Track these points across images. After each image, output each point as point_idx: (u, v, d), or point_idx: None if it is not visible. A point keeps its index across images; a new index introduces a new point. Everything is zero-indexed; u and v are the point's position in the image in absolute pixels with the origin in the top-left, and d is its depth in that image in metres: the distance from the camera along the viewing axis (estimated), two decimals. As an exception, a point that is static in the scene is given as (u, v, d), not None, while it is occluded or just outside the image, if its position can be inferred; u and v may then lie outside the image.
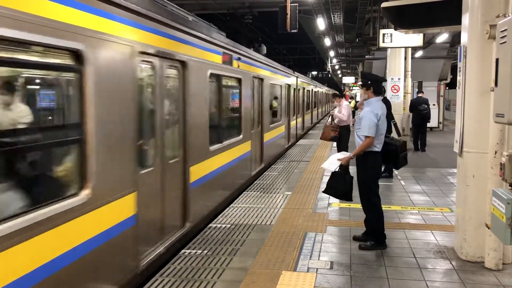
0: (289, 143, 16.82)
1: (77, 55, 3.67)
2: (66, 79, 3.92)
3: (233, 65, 8.70)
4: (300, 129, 20.75)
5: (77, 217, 3.66)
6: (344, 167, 5.83)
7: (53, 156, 3.86)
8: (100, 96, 3.97)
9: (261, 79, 11.54)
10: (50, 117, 4.10)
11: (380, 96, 5.92)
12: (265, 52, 15.54)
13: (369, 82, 5.85)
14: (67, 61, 3.67)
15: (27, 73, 3.66)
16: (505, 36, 3.24)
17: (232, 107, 9.43)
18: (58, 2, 3.42)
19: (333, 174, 5.94)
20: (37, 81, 3.90)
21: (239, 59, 9.09)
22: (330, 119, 10.93)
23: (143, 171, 4.96)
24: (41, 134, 3.74)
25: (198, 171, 6.61)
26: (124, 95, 4.48)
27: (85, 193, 3.78)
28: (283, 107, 15.36)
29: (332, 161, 5.97)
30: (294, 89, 18.44)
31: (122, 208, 4.44)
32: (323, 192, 6.16)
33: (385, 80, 6.52)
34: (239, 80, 9.34)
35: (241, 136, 9.31)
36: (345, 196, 5.93)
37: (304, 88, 22.25)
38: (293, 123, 17.92)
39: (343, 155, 6.03)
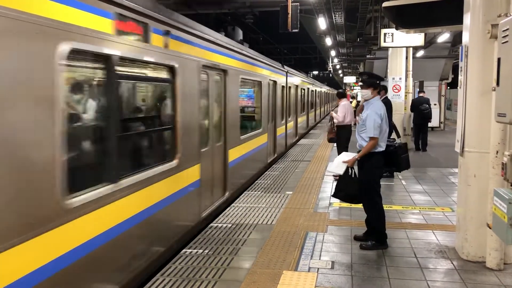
0: (275, 155, 13.74)
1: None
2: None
3: (150, 42, 5.14)
4: (291, 136, 17.52)
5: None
6: (350, 168, 5.80)
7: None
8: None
9: (222, 71, 8.20)
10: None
11: (378, 96, 5.89)
12: (241, 38, 12.35)
13: (369, 79, 5.86)
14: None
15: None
16: (507, 35, 3.23)
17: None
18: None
19: (341, 177, 5.90)
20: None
21: (166, 33, 5.53)
22: (330, 121, 10.91)
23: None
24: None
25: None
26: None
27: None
28: (264, 111, 11.90)
29: (338, 163, 5.93)
30: (283, 87, 15.50)
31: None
32: (333, 196, 6.12)
33: (383, 79, 6.43)
34: (170, 69, 5.75)
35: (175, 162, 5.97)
36: (355, 199, 5.91)
37: (297, 87, 19.37)
38: (280, 129, 14.84)
39: (348, 156, 5.98)
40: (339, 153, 10.42)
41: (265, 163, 12.25)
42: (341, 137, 10.40)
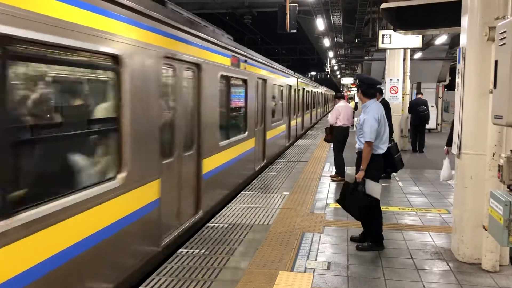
0: (264, 161, 12.32)
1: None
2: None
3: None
4: (271, 147, 13.46)
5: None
6: (357, 182, 5.63)
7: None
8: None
9: (195, 66, 6.67)
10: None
11: (374, 99, 5.88)
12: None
13: (360, 84, 5.90)
14: None
15: None
16: (505, 38, 3.23)
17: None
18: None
19: (345, 187, 5.82)
20: None
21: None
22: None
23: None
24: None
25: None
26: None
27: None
28: (250, 113, 10.42)
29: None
30: (274, 85, 13.82)
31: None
32: (336, 201, 6.04)
33: (379, 83, 6.32)
34: (113, 58, 4.36)
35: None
36: (351, 213, 5.83)
37: (290, 87, 17.37)
38: (271, 132, 13.25)
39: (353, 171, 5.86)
40: (334, 153, 10.46)
41: (253, 171, 10.89)
42: (335, 138, 10.42)
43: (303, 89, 22.28)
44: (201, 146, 6.79)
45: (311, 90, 27.05)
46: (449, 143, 7.11)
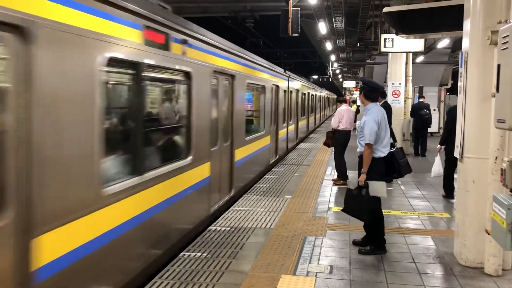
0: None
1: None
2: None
3: None
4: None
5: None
6: (361, 186, 5.63)
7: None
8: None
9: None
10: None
11: (376, 102, 5.91)
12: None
13: (362, 86, 5.94)
14: None
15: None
16: (507, 42, 3.24)
17: None
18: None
19: (349, 193, 5.81)
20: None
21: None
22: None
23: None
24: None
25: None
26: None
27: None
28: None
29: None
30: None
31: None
32: (342, 210, 6.03)
33: (382, 88, 6.48)
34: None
35: None
36: (359, 217, 5.85)
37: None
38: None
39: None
40: (335, 156, 10.45)
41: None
42: (336, 141, 10.43)
43: (298, 91, 18.92)
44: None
45: (308, 93, 23.72)
46: (442, 143, 8.67)
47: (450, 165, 8.50)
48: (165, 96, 6.46)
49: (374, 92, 5.88)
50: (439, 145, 8.42)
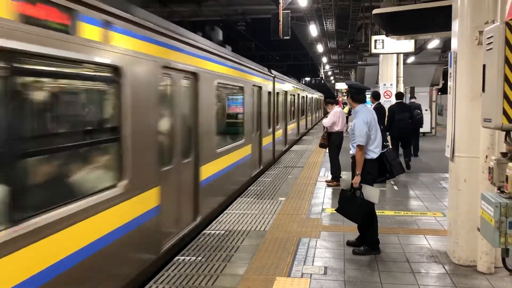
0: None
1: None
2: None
3: None
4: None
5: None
6: (354, 188, 5.65)
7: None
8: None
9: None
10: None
11: (364, 103, 5.97)
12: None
13: (349, 89, 6.06)
14: None
15: None
16: (491, 42, 3.30)
17: None
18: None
19: (343, 194, 5.84)
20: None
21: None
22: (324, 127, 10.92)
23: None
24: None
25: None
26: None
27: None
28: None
29: (345, 185, 5.90)
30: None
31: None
32: (336, 210, 6.05)
33: (368, 89, 6.70)
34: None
35: None
36: (353, 220, 5.90)
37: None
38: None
39: (347, 176, 5.91)
40: (330, 159, 10.48)
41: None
42: (331, 143, 10.46)
43: (286, 93, 17.26)
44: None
45: (298, 95, 22.19)
46: None
47: None
48: (66, 99, 4.24)
49: (360, 93, 5.96)
50: None
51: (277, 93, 15.14)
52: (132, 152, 4.79)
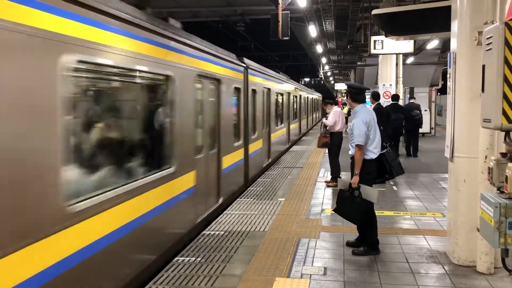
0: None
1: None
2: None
3: None
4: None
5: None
6: (352, 188, 5.64)
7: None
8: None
9: None
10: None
11: (363, 103, 5.98)
12: None
13: (348, 90, 6.08)
14: None
15: None
16: (491, 43, 3.30)
17: None
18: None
19: (342, 194, 5.82)
20: None
21: None
22: (322, 127, 10.81)
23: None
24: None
25: None
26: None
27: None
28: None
29: (344, 184, 5.89)
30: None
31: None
32: (333, 211, 6.05)
33: (367, 89, 6.81)
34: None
35: None
36: (351, 220, 5.89)
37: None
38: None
39: (347, 176, 5.90)
40: (330, 159, 10.47)
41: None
42: (332, 143, 10.44)
43: (269, 91, 13.72)
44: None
45: (289, 94, 18.48)
46: None
47: None
48: None
49: (359, 94, 5.98)
50: None
51: (254, 90, 11.58)
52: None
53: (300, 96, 22.88)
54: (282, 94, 16.61)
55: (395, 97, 13.49)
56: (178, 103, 6.26)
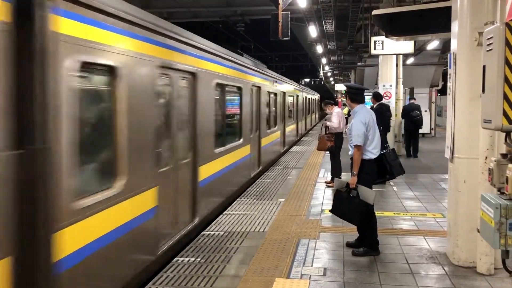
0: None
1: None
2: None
3: None
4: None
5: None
6: (350, 188, 5.64)
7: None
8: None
9: None
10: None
11: (362, 104, 5.97)
12: None
13: (347, 90, 6.11)
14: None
15: None
16: (491, 43, 3.29)
17: None
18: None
19: (338, 195, 5.82)
20: None
21: None
22: (323, 129, 10.63)
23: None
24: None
25: None
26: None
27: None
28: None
29: (340, 185, 5.87)
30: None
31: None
32: (330, 211, 6.06)
33: (366, 89, 6.83)
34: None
35: None
36: (350, 221, 5.90)
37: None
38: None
39: (347, 177, 5.91)
40: (332, 160, 10.45)
41: None
42: (336, 143, 10.39)
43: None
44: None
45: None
46: None
47: None
48: None
49: (358, 94, 5.98)
50: None
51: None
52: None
53: (283, 93, 17.08)
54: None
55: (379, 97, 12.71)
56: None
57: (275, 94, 15.30)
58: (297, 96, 22.45)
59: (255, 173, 11.76)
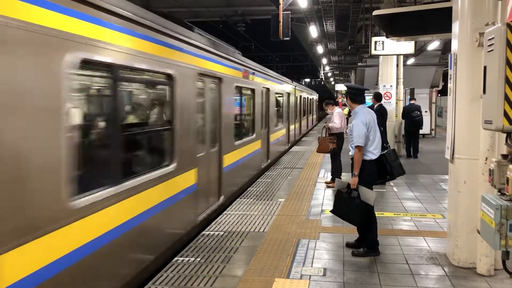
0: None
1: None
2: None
3: None
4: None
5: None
6: (351, 189, 5.63)
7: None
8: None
9: None
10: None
11: (363, 104, 5.97)
12: None
13: (348, 91, 6.09)
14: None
15: None
16: (492, 44, 3.29)
17: None
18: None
19: (339, 195, 5.80)
20: None
21: None
22: (324, 131, 10.52)
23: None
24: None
25: None
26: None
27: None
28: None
29: (341, 185, 5.86)
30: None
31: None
32: (331, 211, 6.05)
33: (366, 90, 6.78)
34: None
35: None
36: (350, 221, 5.90)
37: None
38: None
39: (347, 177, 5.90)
40: (332, 160, 10.43)
41: None
42: (336, 143, 10.34)
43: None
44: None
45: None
46: None
47: None
48: None
49: (359, 95, 5.96)
50: None
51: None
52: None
53: (267, 90, 13.80)
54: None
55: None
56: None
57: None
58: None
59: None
